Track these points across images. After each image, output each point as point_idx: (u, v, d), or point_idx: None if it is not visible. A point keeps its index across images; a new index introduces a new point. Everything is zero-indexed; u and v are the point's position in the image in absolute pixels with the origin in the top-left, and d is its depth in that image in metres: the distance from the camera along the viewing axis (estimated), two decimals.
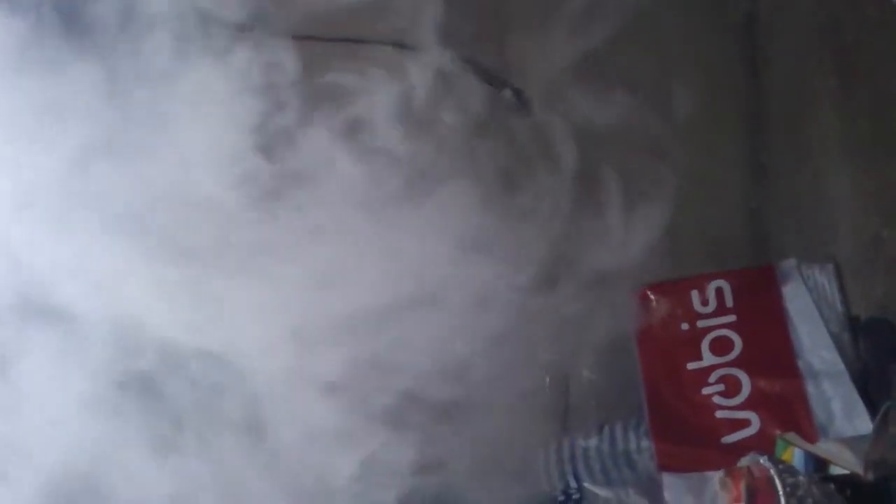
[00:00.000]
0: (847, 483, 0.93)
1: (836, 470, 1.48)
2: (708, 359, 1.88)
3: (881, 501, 0.93)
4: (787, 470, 0.95)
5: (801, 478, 0.95)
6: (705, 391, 1.85)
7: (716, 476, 0.97)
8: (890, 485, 0.94)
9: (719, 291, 1.92)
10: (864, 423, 1.69)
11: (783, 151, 2.09)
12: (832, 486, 0.92)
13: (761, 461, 0.95)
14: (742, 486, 0.95)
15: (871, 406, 1.67)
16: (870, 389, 1.69)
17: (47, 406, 1.41)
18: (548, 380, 2.02)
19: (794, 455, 1.63)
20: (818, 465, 1.54)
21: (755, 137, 2.14)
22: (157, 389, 1.43)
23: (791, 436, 1.67)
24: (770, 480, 0.95)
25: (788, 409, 1.78)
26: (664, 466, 1.80)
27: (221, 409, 1.43)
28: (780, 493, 0.94)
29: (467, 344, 1.60)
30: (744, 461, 0.97)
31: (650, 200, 1.80)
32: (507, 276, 1.68)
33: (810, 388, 1.78)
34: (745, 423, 1.80)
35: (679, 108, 2.05)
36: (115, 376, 1.43)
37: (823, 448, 1.61)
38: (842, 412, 1.72)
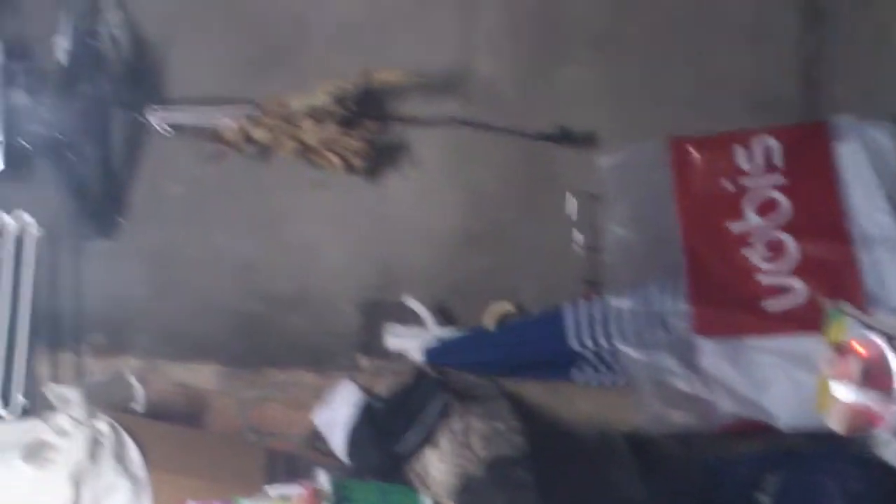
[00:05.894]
0: None
1: None
2: (750, 219, 1.75)
3: None
4: None
5: None
6: (745, 253, 1.74)
7: (821, 352, 0.84)
8: None
9: (767, 150, 1.78)
10: None
11: None
12: None
13: (871, 336, 0.82)
14: (852, 362, 0.82)
15: None
16: None
17: None
18: (581, 238, 1.90)
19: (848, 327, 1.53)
20: None
21: None
22: None
23: (845, 306, 1.56)
24: (884, 358, 0.82)
25: (837, 277, 1.67)
26: (701, 330, 1.71)
27: None
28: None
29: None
30: (849, 334, 0.84)
31: None
32: None
33: (862, 256, 1.67)
34: (789, 290, 1.69)
35: None
36: None
37: (884, 322, 1.50)
38: None
